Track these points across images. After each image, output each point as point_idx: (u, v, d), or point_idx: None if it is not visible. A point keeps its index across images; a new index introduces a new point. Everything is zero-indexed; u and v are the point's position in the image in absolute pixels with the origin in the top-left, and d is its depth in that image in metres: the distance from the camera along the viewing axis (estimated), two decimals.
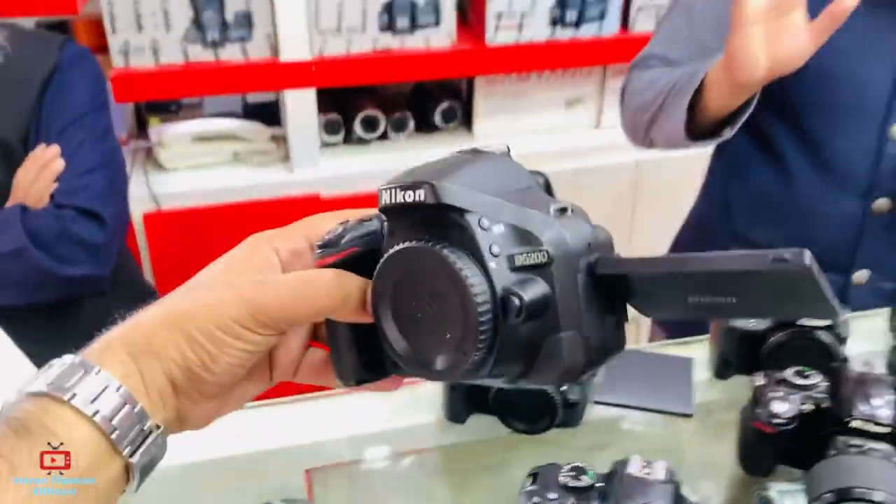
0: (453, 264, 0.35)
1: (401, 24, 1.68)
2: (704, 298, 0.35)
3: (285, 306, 0.39)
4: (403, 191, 0.37)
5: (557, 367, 0.35)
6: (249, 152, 1.80)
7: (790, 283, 0.32)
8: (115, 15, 1.55)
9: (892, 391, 0.72)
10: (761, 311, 0.39)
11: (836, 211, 1.14)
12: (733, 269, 0.34)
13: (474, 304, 0.34)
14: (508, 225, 0.36)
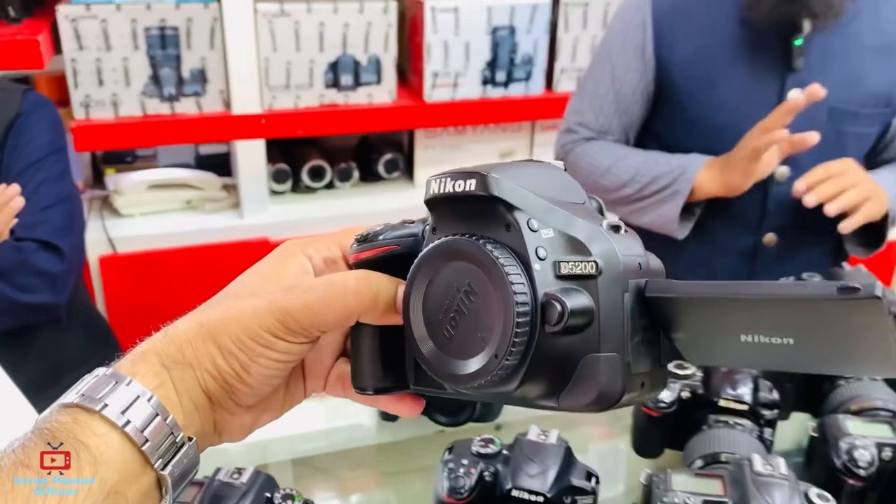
0: (496, 259, 0.33)
1: (345, 82, 1.83)
2: (759, 337, 0.32)
3: (314, 311, 0.38)
4: (454, 180, 0.36)
5: (593, 389, 0.33)
6: (202, 200, 1.91)
7: (856, 316, 0.30)
8: (77, 70, 1.67)
9: (751, 379, 0.86)
10: (818, 358, 0.33)
11: (732, 245, 1.31)
12: (796, 296, 0.31)
13: (514, 303, 0.33)
14: (558, 231, 0.34)
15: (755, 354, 0.33)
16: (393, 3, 1.80)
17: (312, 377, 0.44)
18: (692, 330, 0.35)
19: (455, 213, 0.36)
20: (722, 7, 1.24)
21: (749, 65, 1.23)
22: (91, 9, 1.63)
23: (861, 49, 1.24)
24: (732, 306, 0.33)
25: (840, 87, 1.23)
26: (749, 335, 0.33)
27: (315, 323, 0.38)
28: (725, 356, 0.38)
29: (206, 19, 1.70)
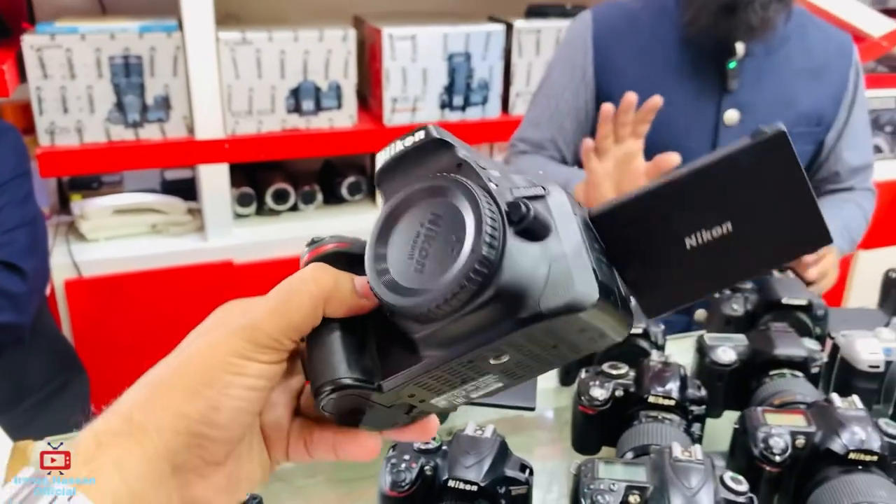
0: (455, 179, 0.34)
1: (307, 107, 1.88)
2: (701, 235, 0.35)
3: (280, 313, 0.37)
4: (402, 139, 0.37)
5: (569, 287, 0.32)
6: (167, 224, 1.94)
7: (770, 160, 0.34)
8: (42, 98, 1.70)
9: (679, 377, 0.92)
10: (758, 242, 0.34)
11: None
12: (718, 157, 0.34)
13: (482, 201, 0.33)
14: (502, 173, 0.36)
15: (704, 265, 0.35)
16: (352, 31, 1.87)
17: (273, 444, 0.41)
18: (640, 249, 0.36)
19: (406, 174, 0.37)
20: (661, 32, 1.31)
21: (687, 86, 1.31)
22: (56, 38, 1.67)
23: (791, 72, 1.32)
24: (668, 197, 0.35)
25: (772, 107, 1.31)
26: (692, 235, 0.35)
27: (284, 326, 0.36)
28: (679, 280, 0.37)
29: (169, 48, 1.75)
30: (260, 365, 0.36)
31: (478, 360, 0.35)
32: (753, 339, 1.02)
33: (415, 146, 0.37)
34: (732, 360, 0.99)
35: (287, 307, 0.37)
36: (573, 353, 0.36)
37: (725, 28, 1.24)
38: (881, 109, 2.47)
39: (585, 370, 0.96)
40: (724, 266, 0.36)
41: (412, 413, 0.40)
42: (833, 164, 1.41)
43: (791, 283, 1.15)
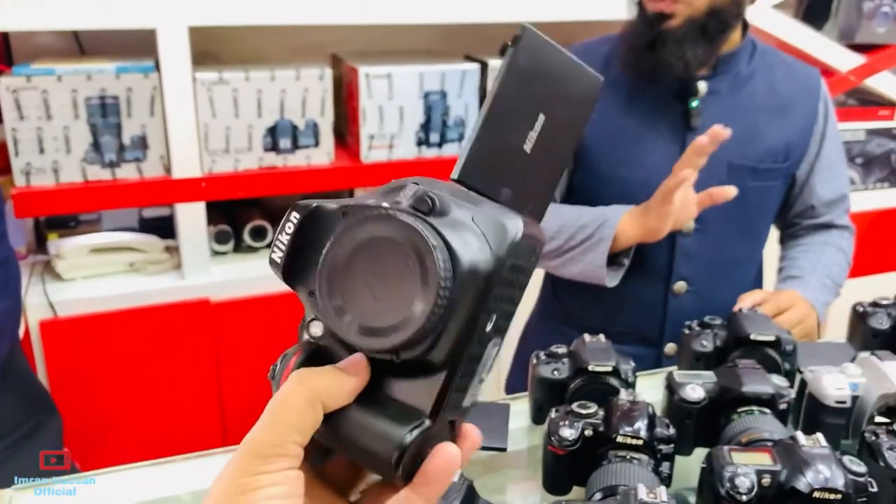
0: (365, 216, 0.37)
1: (284, 145, 1.90)
2: (531, 136, 0.40)
3: (273, 423, 0.37)
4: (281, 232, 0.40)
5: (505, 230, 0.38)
6: (144, 262, 1.94)
7: (531, 50, 0.40)
8: (18, 139, 1.71)
9: (647, 416, 0.92)
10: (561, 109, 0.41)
11: (645, 294, 1.38)
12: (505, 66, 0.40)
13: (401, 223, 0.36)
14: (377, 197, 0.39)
15: (544, 155, 0.41)
16: (328, 70, 1.89)
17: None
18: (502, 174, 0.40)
19: (309, 256, 0.39)
20: (625, 74, 1.34)
21: (653, 125, 1.33)
22: (32, 80, 1.68)
23: (756, 108, 1.34)
24: (493, 125, 0.40)
25: (737, 143, 1.33)
26: (526, 140, 0.40)
27: (281, 431, 0.36)
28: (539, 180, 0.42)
29: (145, 88, 1.76)
30: (271, 475, 0.36)
31: (480, 335, 0.38)
32: (722, 375, 1.03)
33: (297, 230, 0.39)
34: (701, 398, 1.00)
35: (280, 412, 0.37)
36: (525, 276, 0.40)
37: (648, 65, 1.28)
38: (852, 142, 2.52)
39: (556, 409, 0.97)
40: (554, 148, 0.42)
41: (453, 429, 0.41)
42: (808, 197, 1.43)
43: (759, 319, 1.16)
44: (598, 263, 1.28)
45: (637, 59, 1.28)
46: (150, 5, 1.69)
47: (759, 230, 1.43)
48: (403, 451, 0.36)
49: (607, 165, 1.35)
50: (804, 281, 1.37)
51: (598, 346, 1.09)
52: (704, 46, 1.26)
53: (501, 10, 1.97)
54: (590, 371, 1.05)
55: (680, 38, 1.24)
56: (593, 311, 1.41)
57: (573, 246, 1.31)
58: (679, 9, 1.24)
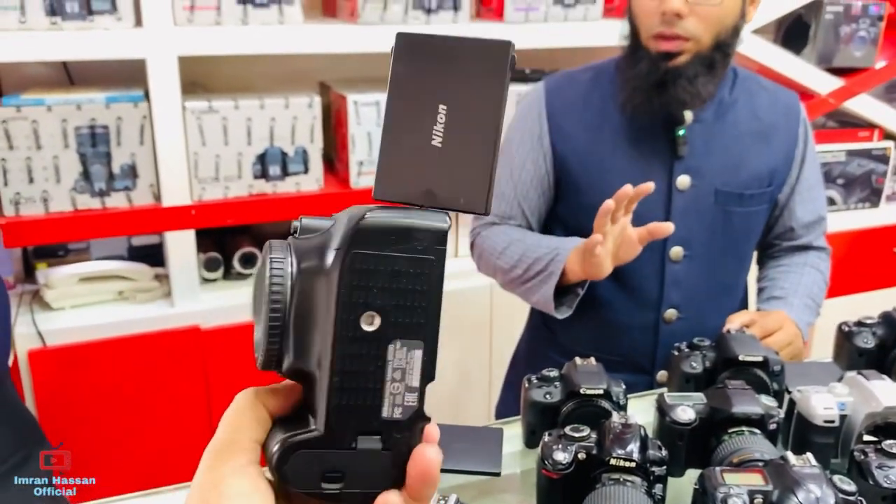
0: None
1: (273, 172, 1.91)
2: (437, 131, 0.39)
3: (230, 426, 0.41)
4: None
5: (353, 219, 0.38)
6: (134, 290, 1.94)
7: (415, 52, 0.40)
8: (7, 169, 1.71)
9: (640, 438, 0.93)
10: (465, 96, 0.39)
11: (635, 322, 1.39)
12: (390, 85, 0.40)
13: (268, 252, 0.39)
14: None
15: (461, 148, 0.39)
16: (317, 98, 1.91)
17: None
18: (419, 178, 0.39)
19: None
20: (611, 102, 1.36)
21: (638, 154, 1.35)
22: (22, 110, 1.69)
23: (740, 135, 1.37)
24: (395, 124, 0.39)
25: (723, 171, 1.35)
26: (433, 136, 0.39)
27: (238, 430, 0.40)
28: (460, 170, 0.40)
29: (135, 117, 1.77)
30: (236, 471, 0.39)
31: (354, 333, 0.38)
32: (711, 396, 1.04)
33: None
34: (692, 419, 1.01)
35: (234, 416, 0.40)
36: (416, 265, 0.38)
37: (659, 104, 1.29)
38: (833, 163, 2.56)
39: (549, 433, 0.98)
40: (475, 125, 0.39)
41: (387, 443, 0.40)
42: (787, 219, 1.46)
43: (747, 340, 1.18)
44: (547, 296, 1.29)
45: (647, 100, 1.28)
46: (139, 36, 1.70)
47: (745, 254, 1.45)
48: (275, 454, 0.39)
49: (593, 195, 1.35)
50: (788, 302, 1.39)
51: (589, 369, 1.10)
52: (712, 79, 1.28)
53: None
54: (581, 394, 1.06)
55: (691, 75, 1.25)
56: (583, 339, 1.42)
57: (530, 276, 1.32)
58: (688, 46, 1.25)
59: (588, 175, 1.35)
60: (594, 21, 2.06)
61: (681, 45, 1.24)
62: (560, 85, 1.40)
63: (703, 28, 1.24)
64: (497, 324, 2.18)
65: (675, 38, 1.24)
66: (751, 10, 1.31)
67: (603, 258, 1.20)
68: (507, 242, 1.37)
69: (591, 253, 1.19)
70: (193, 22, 1.74)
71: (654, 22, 1.25)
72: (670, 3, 1.21)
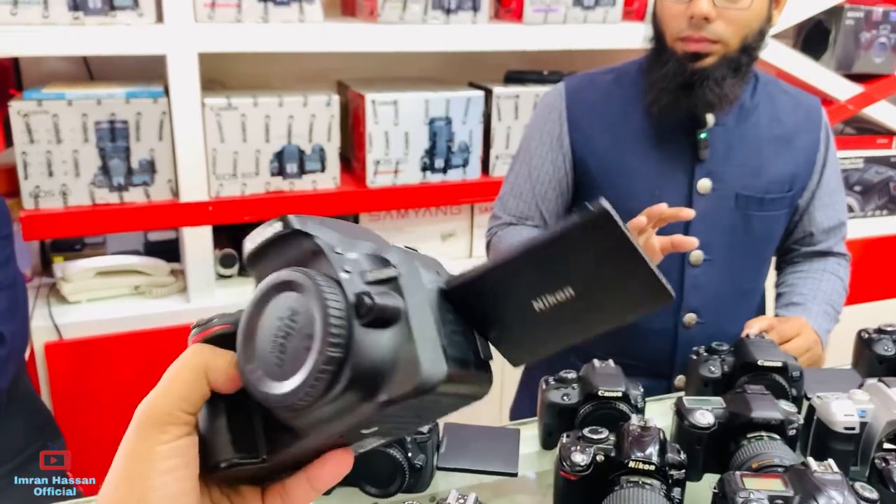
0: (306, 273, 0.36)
1: (290, 170, 1.92)
2: (547, 299, 0.37)
3: (164, 392, 0.39)
4: (262, 230, 0.39)
5: (414, 373, 0.34)
6: (150, 285, 1.94)
7: (600, 236, 0.36)
8: (28, 163, 1.72)
9: (659, 441, 0.93)
10: (602, 305, 0.37)
11: (654, 327, 1.38)
12: (550, 235, 0.37)
13: (325, 302, 0.34)
14: (360, 253, 0.38)
15: (556, 324, 0.38)
16: (335, 96, 1.91)
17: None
18: (494, 313, 0.39)
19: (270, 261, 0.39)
20: (632, 105, 1.35)
21: (660, 156, 1.34)
22: (43, 104, 1.70)
23: (761, 139, 1.36)
24: (511, 268, 0.38)
25: (744, 175, 1.34)
26: (538, 299, 0.37)
27: (172, 400, 0.39)
28: (535, 337, 0.39)
29: (155, 113, 1.78)
30: (165, 446, 0.38)
31: (350, 434, 0.38)
32: (730, 401, 1.04)
33: (274, 236, 0.39)
34: (710, 423, 1.01)
35: (171, 383, 0.39)
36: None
37: (685, 106, 1.28)
38: (851, 169, 2.55)
39: (566, 435, 0.97)
40: (572, 323, 0.38)
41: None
42: (807, 225, 1.45)
43: (766, 345, 1.17)
44: None
45: (674, 101, 1.28)
46: (160, 32, 1.71)
47: (764, 259, 1.44)
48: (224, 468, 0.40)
49: (612, 197, 1.34)
50: (807, 308, 1.38)
51: (607, 371, 1.10)
52: (738, 82, 1.28)
53: (504, 39, 2.00)
54: (600, 396, 1.06)
55: (718, 77, 1.25)
56: (601, 342, 1.41)
57: None
58: (715, 49, 1.25)
59: (608, 177, 1.35)
60: (613, 23, 2.06)
61: (708, 47, 1.24)
62: (581, 86, 1.40)
63: (730, 31, 1.23)
64: None
65: (702, 41, 1.24)
66: (776, 14, 1.30)
67: None
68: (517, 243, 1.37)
69: None
70: (214, 19, 1.75)
71: (680, 25, 1.24)
72: (698, 6, 1.20)
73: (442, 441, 1.04)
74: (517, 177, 1.44)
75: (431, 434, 1.01)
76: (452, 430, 1.06)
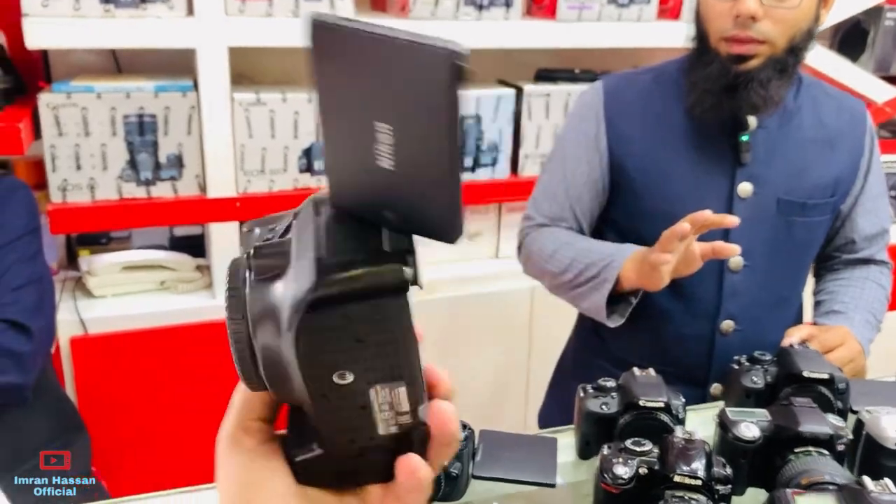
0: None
1: (319, 167, 1.89)
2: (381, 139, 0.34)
3: (227, 419, 0.42)
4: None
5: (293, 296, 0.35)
6: (175, 281, 1.93)
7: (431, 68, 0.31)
8: (56, 156, 1.71)
9: (705, 455, 0.90)
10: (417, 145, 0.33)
11: (690, 332, 1.35)
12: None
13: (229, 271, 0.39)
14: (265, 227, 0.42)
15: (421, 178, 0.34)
16: None
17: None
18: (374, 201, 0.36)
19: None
20: (671, 104, 1.32)
21: (700, 159, 1.31)
22: (72, 97, 1.69)
23: (804, 143, 1.32)
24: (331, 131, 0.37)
25: (786, 179, 1.31)
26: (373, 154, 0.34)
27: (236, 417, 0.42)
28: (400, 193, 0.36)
29: (183, 107, 1.76)
30: (242, 456, 0.40)
31: (326, 385, 0.36)
32: (776, 414, 1.00)
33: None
34: (756, 437, 0.98)
35: (232, 399, 0.42)
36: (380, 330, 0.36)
37: (729, 108, 1.24)
38: (887, 174, 2.49)
39: (608, 446, 0.95)
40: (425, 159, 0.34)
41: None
42: (849, 231, 1.41)
43: (811, 356, 1.13)
44: (599, 304, 1.26)
45: (717, 103, 1.24)
46: (191, 25, 1.70)
47: (804, 266, 1.41)
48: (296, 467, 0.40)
49: (650, 200, 1.32)
50: (849, 317, 1.35)
51: (648, 380, 1.07)
52: (784, 83, 1.24)
53: (536, 36, 1.96)
54: (640, 406, 1.03)
55: (764, 79, 1.21)
56: (635, 348, 1.38)
57: (581, 282, 1.29)
58: (762, 49, 1.21)
59: (646, 179, 1.32)
60: (648, 22, 2.02)
61: (754, 49, 1.20)
62: (619, 86, 1.37)
63: (778, 31, 1.19)
64: (537, 328, 2.15)
65: (748, 41, 1.20)
66: (824, 14, 1.27)
67: (664, 273, 1.16)
68: (558, 245, 1.34)
69: (653, 268, 1.15)
70: (244, 12, 1.73)
71: (726, 25, 1.21)
72: (745, 5, 1.17)
73: (477, 449, 1.02)
74: (551, 178, 1.41)
75: (467, 442, 0.99)
76: (488, 438, 1.04)
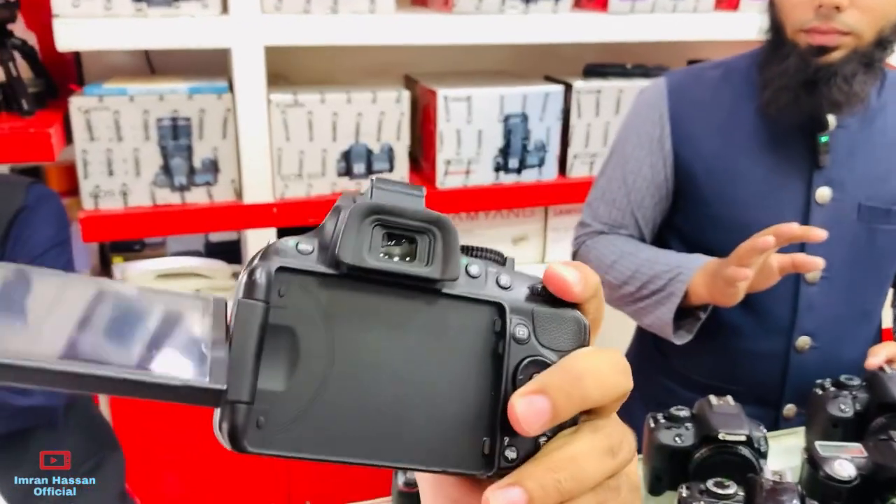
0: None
1: (357, 170, 1.82)
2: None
3: None
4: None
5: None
6: (211, 289, 1.87)
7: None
8: (87, 161, 1.65)
9: (798, 499, 0.80)
10: None
11: (763, 349, 1.25)
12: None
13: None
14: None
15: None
16: (406, 92, 1.80)
17: None
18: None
19: None
20: (744, 103, 1.22)
21: (774, 161, 1.20)
22: (104, 100, 1.63)
23: (887, 145, 1.21)
24: None
25: (868, 183, 1.20)
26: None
27: None
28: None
29: (219, 110, 1.69)
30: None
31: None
32: (873, 450, 0.90)
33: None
34: (852, 476, 0.88)
35: None
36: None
37: (808, 106, 1.14)
38: None
39: (686, 487, 0.85)
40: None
41: None
42: None
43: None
44: (665, 319, 1.16)
45: (794, 100, 1.14)
46: (225, 24, 1.63)
47: (887, 278, 1.29)
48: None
49: (720, 206, 1.22)
50: None
51: (726, 409, 0.97)
52: (869, 79, 1.13)
53: (586, 30, 1.86)
54: (719, 440, 0.93)
55: (848, 73, 1.10)
56: (701, 366, 1.28)
57: (645, 295, 1.19)
58: (846, 41, 1.10)
59: (715, 183, 1.22)
60: (705, 13, 1.90)
61: (838, 40, 1.09)
62: (685, 83, 1.26)
63: (865, 22, 1.08)
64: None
65: (831, 33, 1.09)
66: None
67: (741, 289, 1.06)
68: (618, 255, 1.24)
69: (728, 283, 1.05)
70: (281, 10, 1.65)
71: (806, 16, 1.10)
72: None
73: None
74: (609, 181, 1.31)
75: None
76: None
